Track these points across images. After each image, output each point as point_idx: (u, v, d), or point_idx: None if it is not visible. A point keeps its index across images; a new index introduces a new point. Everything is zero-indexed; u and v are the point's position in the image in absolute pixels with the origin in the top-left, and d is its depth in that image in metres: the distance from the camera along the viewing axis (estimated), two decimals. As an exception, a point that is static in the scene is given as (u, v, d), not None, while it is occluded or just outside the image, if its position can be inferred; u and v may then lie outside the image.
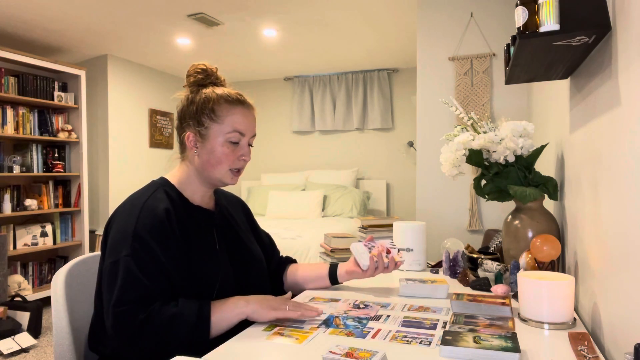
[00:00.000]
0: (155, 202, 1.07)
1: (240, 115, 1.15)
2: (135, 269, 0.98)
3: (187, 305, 1.00)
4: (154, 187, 1.13)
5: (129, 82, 4.94)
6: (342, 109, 5.42)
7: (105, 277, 1.01)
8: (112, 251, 1.02)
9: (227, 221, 1.24)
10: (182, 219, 1.10)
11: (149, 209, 1.05)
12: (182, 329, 0.97)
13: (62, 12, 3.46)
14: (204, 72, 1.18)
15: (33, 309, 3.21)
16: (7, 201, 3.63)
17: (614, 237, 0.89)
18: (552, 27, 0.95)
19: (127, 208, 1.07)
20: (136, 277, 0.98)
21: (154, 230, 1.02)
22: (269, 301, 1.06)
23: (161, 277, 1.01)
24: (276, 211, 4.92)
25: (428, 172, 3.04)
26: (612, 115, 0.90)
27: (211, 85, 1.18)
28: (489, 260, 1.40)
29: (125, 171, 4.85)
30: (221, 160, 1.13)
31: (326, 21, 3.72)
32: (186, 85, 1.19)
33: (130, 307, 0.96)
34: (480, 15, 2.93)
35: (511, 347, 0.82)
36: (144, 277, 0.98)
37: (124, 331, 0.95)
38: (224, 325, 1.02)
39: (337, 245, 2.14)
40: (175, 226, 1.07)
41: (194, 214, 1.15)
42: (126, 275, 0.98)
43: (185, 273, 1.05)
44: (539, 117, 2.14)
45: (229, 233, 1.22)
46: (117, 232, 1.04)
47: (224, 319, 1.01)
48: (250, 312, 1.03)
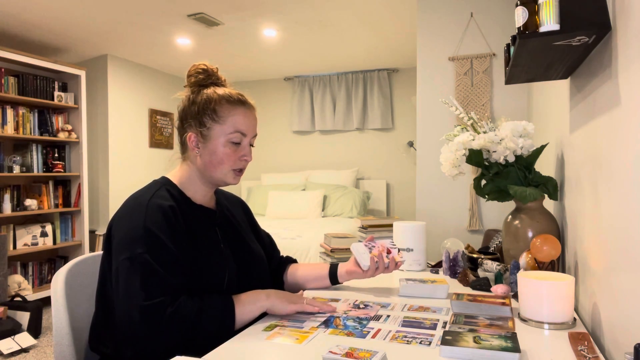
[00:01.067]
0: (160, 200, 1.07)
1: (242, 115, 1.15)
2: (155, 264, 0.98)
3: (212, 298, 1.02)
4: (157, 186, 1.13)
5: (129, 82, 4.94)
6: (342, 109, 5.42)
7: (121, 275, 0.99)
8: (123, 249, 1.01)
9: (228, 220, 1.24)
10: (187, 218, 1.11)
11: (155, 205, 1.05)
12: (209, 323, 0.98)
13: (62, 12, 3.46)
14: (205, 72, 1.18)
15: (33, 309, 3.21)
16: (7, 201, 3.63)
17: (614, 237, 0.89)
18: (552, 27, 0.95)
19: (132, 206, 1.07)
20: (157, 272, 0.98)
21: (163, 225, 1.03)
22: (287, 295, 1.10)
23: (180, 271, 1.02)
24: (276, 211, 4.92)
25: (428, 172, 3.04)
26: (612, 115, 0.90)
27: (212, 85, 1.18)
28: (489, 260, 1.40)
29: (125, 171, 4.85)
30: (223, 161, 1.13)
31: (326, 21, 3.72)
32: (187, 86, 1.19)
33: (160, 301, 0.96)
34: (480, 16, 2.93)
35: (511, 347, 0.82)
36: (165, 271, 0.99)
37: (153, 325, 0.94)
38: (246, 318, 1.04)
39: (337, 245, 2.14)
40: (181, 224, 1.07)
41: (196, 213, 1.15)
42: (147, 271, 0.97)
43: (194, 269, 1.06)
44: (539, 117, 2.14)
45: (230, 232, 1.22)
46: (126, 230, 1.03)
47: (247, 311, 1.04)
48: (270, 305, 1.07)
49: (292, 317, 1.10)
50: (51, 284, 1.15)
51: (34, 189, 3.97)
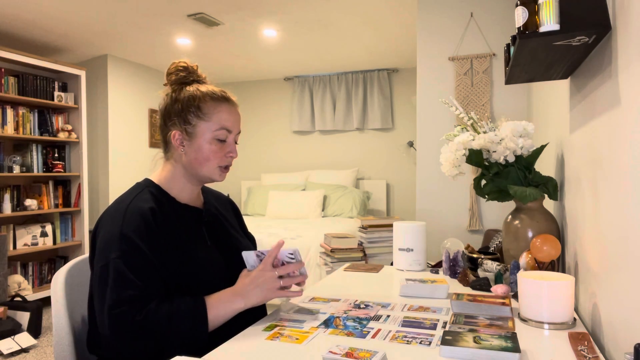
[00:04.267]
0: (140, 203, 1.06)
1: (227, 112, 1.14)
2: (126, 269, 0.97)
3: (182, 302, 1.00)
4: (139, 189, 1.12)
5: (129, 82, 4.94)
6: (342, 109, 5.42)
7: (95, 282, 1.00)
8: (100, 255, 1.01)
9: (216, 218, 1.23)
10: (170, 218, 1.09)
11: (134, 209, 1.04)
12: (180, 327, 0.97)
13: (62, 12, 3.46)
14: (185, 70, 1.17)
15: (33, 309, 3.21)
16: (7, 201, 3.63)
17: (614, 237, 0.89)
18: (552, 27, 0.95)
19: (112, 212, 1.06)
20: (128, 278, 0.97)
21: (140, 230, 1.02)
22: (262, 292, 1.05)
23: (153, 276, 1.00)
24: (276, 211, 4.92)
25: (428, 172, 3.04)
26: (612, 115, 0.90)
27: (194, 82, 1.17)
28: (489, 260, 1.40)
29: (125, 171, 4.85)
30: (209, 158, 1.12)
31: (326, 21, 3.72)
32: (167, 84, 1.17)
33: (126, 309, 0.95)
34: (480, 15, 2.93)
35: (511, 347, 0.82)
36: (136, 277, 0.97)
37: (122, 333, 0.94)
38: (221, 319, 1.03)
39: (337, 245, 2.14)
40: (162, 225, 1.06)
41: (181, 213, 1.14)
42: (117, 276, 0.97)
43: (178, 271, 1.05)
44: (539, 117, 2.14)
45: (218, 230, 1.21)
46: (104, 236, 1.03)
47: (221, 315, 1.02)
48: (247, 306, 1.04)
49: (292, 317, 1.10)
50: (51, 284, 1.15)
51: (34, 189, 3.97)
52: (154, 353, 0.96)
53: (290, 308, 1.17)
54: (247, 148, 5.90)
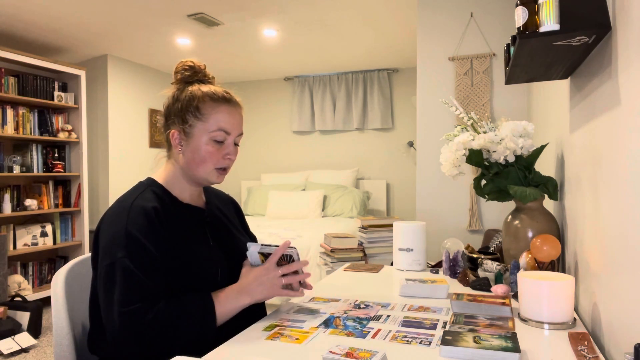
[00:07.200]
0: (143, 202, 1.06)
1: (226, 113, 1.12)
2: (135, 269, 0.97)
3: (191, 300, 1.01)
4: (142, 188, 1.12)
5: (129, 82, 4.94)
6: (342, 109, 5.42)
7: (101, 281, 0.99)
8: (106, 254, 1.00)
9: (218, 218, 1.23)
10: (172, 217, 1.09)
11: (138, 208, 1.04)
12: (190, 325, 0.97)
13: (62, 12, 3.46)
14: (191, 69, 1.16)
15: (33, 309, 3.21)
16: (7, 201, 3.63)
17: (614, 237, 0.89)
18: (552, 27, 0.95)
19: (115, 210, 1.06)
20: (137, 277, 0.97)
21: (145, 229, 1.02)
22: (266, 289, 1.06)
23: (160, 275, 1.01)
24: (276, 211, 4.92)
25: (428, 172, 3.04)
26: (612, 115, 0.90)
27: (198, 82, 1.16)
28: (489, 260, 1.40)
29: (125, 171, 4.85)
30: (205, 159, 1.11)
31: (326, 21, 3.72)
32: (174, 83, 1.17)
33: (137, 307, 0.95)
34: (480, 15, 2.93)
35: (511, 347, 0.82)
36: (145, 276, 0.98)
37: (133, 332, 0.94)
38: (228, 315, 1.04)
39: (337, 245, 2.14)
40: (165, 224, 1.06)
41: (183, 212, 1.14)
42: (126, 275, 0.97)
43: (181, 270, 1.05)
44: (539, 117, 2.14)
45: (221, 229, 1.21)
46: (109, 234, 1.02)
47: (228, 310, 1.03)
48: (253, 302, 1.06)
49: (292, 317, 1.10)
50: (51, 284, 1.15)
51: (34, 189, 3.97)
52: (161, 351, 0.96)
53: (291, 308, 1.17)
54: (247, 148, 5.90)
